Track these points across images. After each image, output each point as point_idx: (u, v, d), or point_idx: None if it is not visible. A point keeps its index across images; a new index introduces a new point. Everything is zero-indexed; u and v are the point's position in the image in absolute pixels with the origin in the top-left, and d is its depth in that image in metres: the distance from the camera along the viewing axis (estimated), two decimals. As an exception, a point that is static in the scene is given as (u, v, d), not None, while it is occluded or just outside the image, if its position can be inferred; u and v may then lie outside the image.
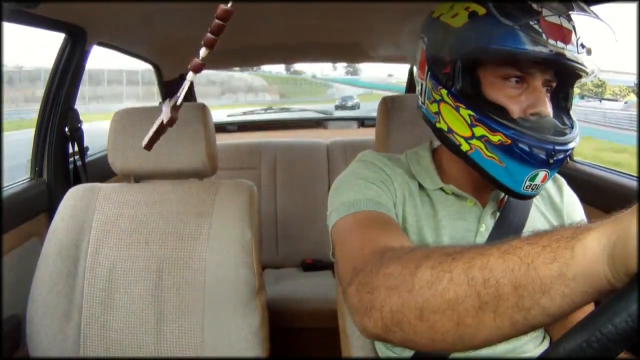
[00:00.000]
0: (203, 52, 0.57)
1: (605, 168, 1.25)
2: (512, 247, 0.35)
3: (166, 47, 1.69)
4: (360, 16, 1.37)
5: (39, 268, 1.01)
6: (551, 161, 0.61)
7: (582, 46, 0.62)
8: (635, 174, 1.14)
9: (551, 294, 0.32)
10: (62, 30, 1.18)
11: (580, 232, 0.32)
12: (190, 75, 0.60)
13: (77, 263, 1.02)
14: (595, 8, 0.70)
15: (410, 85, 2.28)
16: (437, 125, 0.69)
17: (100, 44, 1.34)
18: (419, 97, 0.74)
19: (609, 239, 0.30)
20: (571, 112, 0.69)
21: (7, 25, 0.95)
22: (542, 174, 0.63)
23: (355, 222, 0.63)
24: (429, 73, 0.69)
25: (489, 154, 0.63)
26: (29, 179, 1.24)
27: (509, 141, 0.61)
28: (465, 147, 0.65)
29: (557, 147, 0.60)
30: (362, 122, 2.56)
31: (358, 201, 0.65)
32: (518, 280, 0.34)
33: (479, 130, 0.63)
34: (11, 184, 1.18)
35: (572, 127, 0.66)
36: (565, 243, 0.32)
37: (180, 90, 0.62)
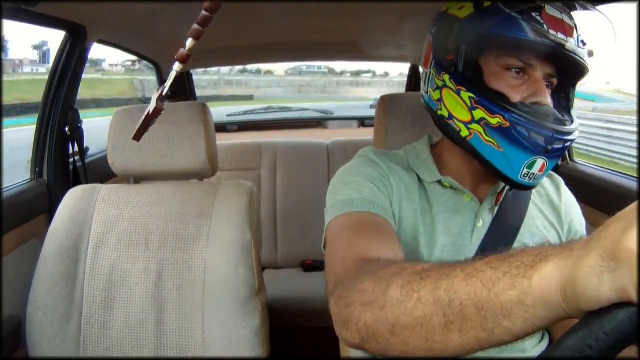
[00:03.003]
0: (190, 42, 0.58)
1: (605, 169, 1.24)
2: (476, 270, 0.36)
3: (166, 45, 1.68)
4: (361, 15, 1.36)
5: (39, 269, 1.01)
6: (549, 148, 0.62)
7: (583, 43, 0.63)
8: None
9: (512, 317, 0.33)
10: (62, 28, 1.17)
11: (539, 261, 0.33)
12: (176, 66, 0.60)
13: (77, 264, 1.02)
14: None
15: (410, 84, 2.28)
16: (439, 112, 0.70)
17: (101, 41, 1.34)
18: (423, 87, 0.76)
19: (561, 274, 0.31)
20: (572, 112, 0.70)
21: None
22: (540, 162, 0.63)
23: (346, 225, 0.65)
24: (434, 61, 0.71)
25: (487, 138, 0.64)
26: (29, 180, 1.24)
27: (508, 124, 0.62)
28: (464, 132, 0.66)
29: (555, 135, 0.61)
30: (363, 121, 2.56)
31: (352, 200, 0.67)
32: (481, 303, 0.35)
33: (479, 113, 0.64)
34: (12, 185, 1.18)
35: (572, 122, 0.67)
36: (524, 271, 0.33)
37: (167, 80, 0.63)
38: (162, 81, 2.02)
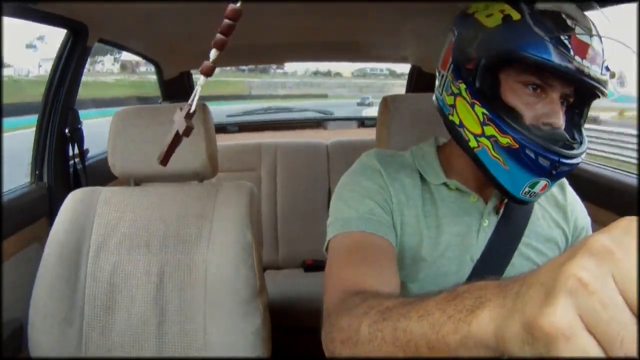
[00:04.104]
0: (213, 53, 0.57)
1: (606, 166, 1.25)
2: (427, 312, 0.39)
3: (167, 45, 1.69)
4: (361, 15, 1.36)
5: (40, 273, 1.01)
6: (554, 172, 0.62)
7: (607, 69, 0.63)
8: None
9: (459, 356, 0.36)
10: (63, 26, 1.17)
11: (477, 306, 0.34)
12: (201, 80, 0.59)
13: (78, 267, 1.02)
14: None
15: (411, 84, 2.28)
16: (450, 118, 0.70)
17: (102, 40, 1.34)
18: (437, 88, 0.75)
19: (495, 324, 0.32)
20: (583, 130, 0.70)
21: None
22: (542, 182, 0.64)
23: (341, 247, 0.67)
24: (452, 66, 0.70)
25: (495, 154, 0.64)
26: (29, 183, 1.24)
27: (517, 145, 0.62)
28: (473, 143, 0.66)
29: (562, 160, 0.62)
30: (362, 122, 2.56)
31: (350, 219, 0.68)
32: (431, 343, 0.38)
33: (490, 130, 0.64)
34: (12, 189, 1.17)
35: (581, 144, 0.67)
36: (464, 316, 0.35)
37: (192, 97, 0.61)
38: (162, 82, 2.02)
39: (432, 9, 1.18)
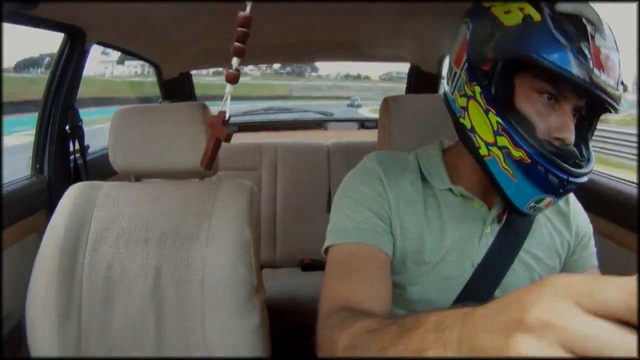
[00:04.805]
0: (235, 61, 0.60)
1: (604, 174, 1.24)
2: (383, 346, 0.43)
3: (165, 46, 1.69)
4: (362, 15, 1.37)
5: (37, 264, 1.01)
6: (561, 190, 0.62)
7: (622, 83, 0.62)
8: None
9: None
10: (60, 31, 1.18)
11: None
12: (229, 87, 0.61)
13: (76, 260, 1.01)
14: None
15: (410, 85, 2.27)
16: (461, 120, 0.68)
17: (100, 43, 1.35)
18: (448, 84, 0.72)
19: (458, 352, 0.33)
20: (589, 144, 0.69)
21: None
22: (548, 199, 0.64)
23: (337, 260, 0.69)
24: (466, 64, 0.66)
25: (505, 166, 0.63)
26: (29, 177, 1.25)
27: (529, 160, 0.61)
28: (484, 151, 0.65)
29: (570, 178, 0.61)
30: (363, 123, 2.57)
31: (347, 230, 0.69)
32: None
33: (503, 141, 0.62)
34: (12, 181, 1.18)
35: (588, 161, 0.66)
36: (427, 345, 0.37)
37: (222, 103, 0.64)
38: (161, 82, 2.03)
39: (434, 8, 1.18)
